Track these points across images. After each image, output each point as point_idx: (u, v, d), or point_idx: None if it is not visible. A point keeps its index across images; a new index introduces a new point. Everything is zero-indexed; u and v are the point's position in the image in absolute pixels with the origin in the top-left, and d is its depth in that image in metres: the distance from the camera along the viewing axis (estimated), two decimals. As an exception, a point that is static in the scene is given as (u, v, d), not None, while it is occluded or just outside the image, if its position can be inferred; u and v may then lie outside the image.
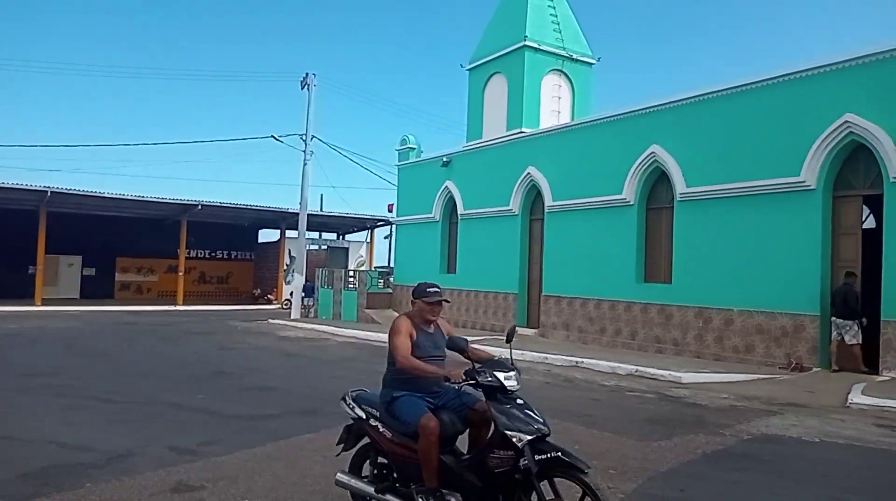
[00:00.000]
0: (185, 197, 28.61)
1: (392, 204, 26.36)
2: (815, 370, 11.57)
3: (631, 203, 15.24)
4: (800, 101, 12.32)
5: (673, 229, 14.46)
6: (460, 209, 20.62)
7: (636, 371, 11.31)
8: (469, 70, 21.76)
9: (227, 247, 38.34)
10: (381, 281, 24.04)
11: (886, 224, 11.16)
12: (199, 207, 28.76)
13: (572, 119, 19.81)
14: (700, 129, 13.97)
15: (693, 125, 14.12)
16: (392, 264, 29.62)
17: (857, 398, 8.82)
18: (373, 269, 32.77)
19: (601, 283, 15.80)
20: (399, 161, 24.27)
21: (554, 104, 20.14)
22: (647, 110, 15.08)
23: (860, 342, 11.17)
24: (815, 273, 11.88)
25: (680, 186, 14.18)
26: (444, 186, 21.33)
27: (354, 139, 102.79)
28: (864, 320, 11.21)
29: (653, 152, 14.67)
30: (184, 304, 29.87)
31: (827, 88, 11.96)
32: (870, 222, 12.90)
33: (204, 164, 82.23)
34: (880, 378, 10.57)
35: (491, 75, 20.86)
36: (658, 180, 15.03)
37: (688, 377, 10.70)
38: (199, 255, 36.77)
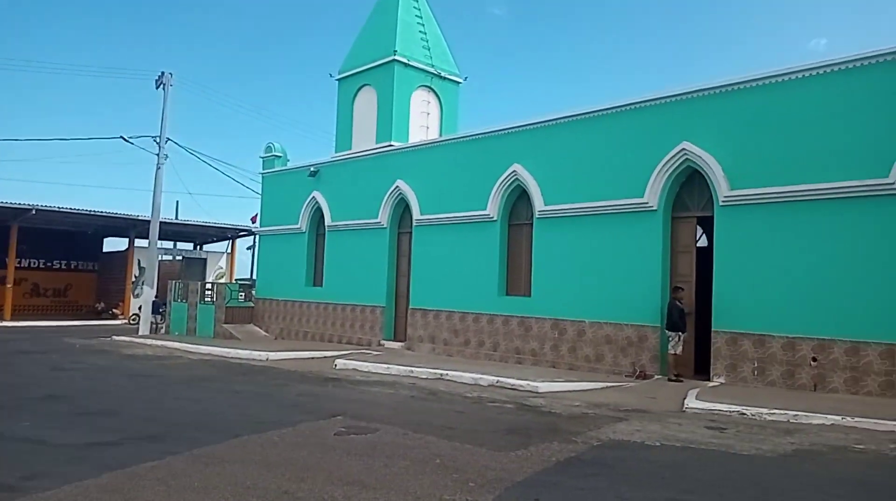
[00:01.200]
0: (20, 200, 25.68)
1: (256, 214, 25.34)
2: (656, 377, 12.54)
3: (494, 219, 15.75)
4: (644, 128, 13.39)
5: (532, 245, 15.12)
6: (328, 221, 20.23)
7: (497, 382, 11.63)
8: (339, 80, 21.54)
9: (66, 256, 34.86)
10: (242, 294, 22.95)
11: (717, 243, 12.38)
12: (34, 211, 25.92)
13: (440, 135, 20.21)
14: (556, 150, 14.76)
15: (550, 146, 14.90)
16: (255, 277, 28.42)
17: (691, 403, 9.65)
18: (233, 281, 31.18)
19: (466, 296, 16.15)
20: (263, 169, 23.41)
21: (423, 119, 20.42)
22: (510, 131, 15.72)
23: (679, 352, 12.19)
24: (657, 287, 12.90)
25: (538, 203, 14.88)
26: (311, 197, 20.84)
27: (221, 146, 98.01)
28: (681, 333, 12.21)
29: (514, 171, 15.29)
30: (12, 319, 26.76)
31: (667, 117, 13.10)
32: (703, 241, 14.25)
33: (42, 164, 74.51)
34: (711, 384, 11.67)
35: (361, 87, 20.77)
36: (519, 198, 15.67)
37: (544, 386, 11.16)
38: (32, 264, 33.14)
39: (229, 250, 36.03)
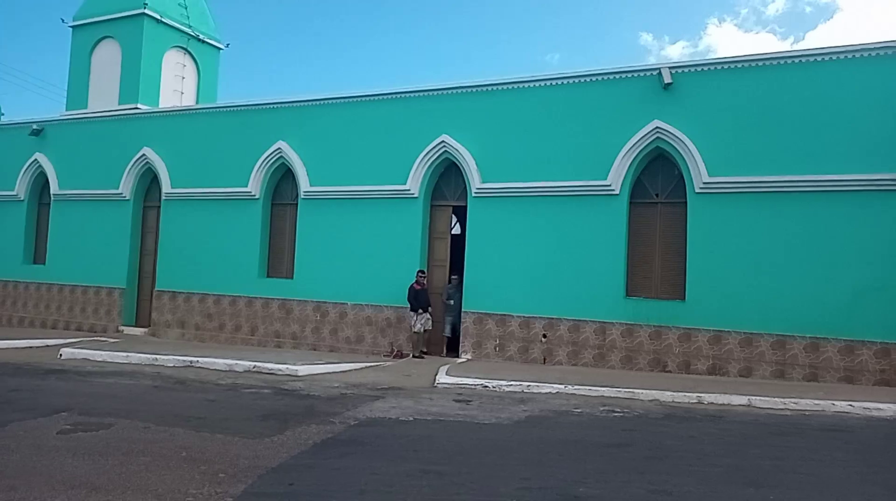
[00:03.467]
0: None
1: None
2: (411, 356, 13.15)
3: (256, 197, 15.07)
4: (409, 118, 13.88)
5: (297, 226, 14.79)
6: (54, 188, 17.50)
7: (254, 367, 11.18)
8: (73, 28, 18.69)
9: None
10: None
11: (469, 231, 13.35)
12: None
13: (197, 102, 18.68)
14: (324, 131, 14.61)
15: (318, 126, 14.69)
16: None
17: (442, 378, 10.31)
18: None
19: (222, 278, 15.23)
20: (-32, 123, 19.41)
21: (177, 84, 18.71)
22: (275, 106, 15.14)
23: (421, 330, 12.99)
24: (415, 271, 13.45)
25: (304, 184, 14.59)
26: (32, 160, 17.83)
27: None
28: (422, 313, 12.93)
29: (279, 148, 14.80)
30: None
31: (430, 110, 13.75)
32: (458, 229, 15.27)
33: None
34: (460, 360, 12.60)
35: (101, 38, 18.33)
36: (284, 177, 15.20)
37: (304, 369, 11.03)
38: None
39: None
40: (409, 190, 13.64)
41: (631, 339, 11.87)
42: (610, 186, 12.13)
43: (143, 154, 16.26)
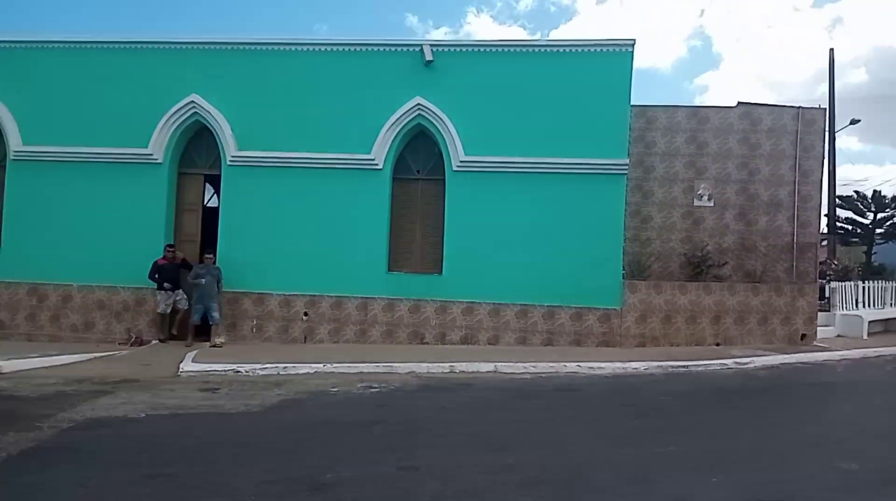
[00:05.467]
0: None
1: None
2: (154, 342, 11.77)
3: (-54, 156, 12.17)
4: (152, 73, 12.26)
5: (5, 192, 12.29)
6: None
7: (-62, 366, 9.00)
8: None
9: None
10: None
11: (223, 203, 12.26)
12: None
13: None
14: (45, 79, 12.26)
15: (36, 73, 12.28)
16: None
17: (187, 366, 9.32)
18: None
19: None
20: None
21: None
22: (-28, 44, 12.31)
23: (165, 311, 11.71)
24: (159, 247, 11.99)
25: (15, 142, 12.14)
26: None
27: None
28: (167, 292, 11.60)
29: (-20, 99, 12.08)
30: None
31: (179, 65, 12.27)
32: (216, 201, 13.97)
33: None
34: (211, 344, 11.54)
35: None
36: (-9, 135, 12.49)
37: (10, 365, 9.16)
38: None
39: None
40: (151, 155, 12.07)
41: (392, 313, 11.95)
42: (374, 160, 11.99)
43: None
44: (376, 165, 12.00)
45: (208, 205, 13.88)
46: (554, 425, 6.68)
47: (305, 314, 11.98)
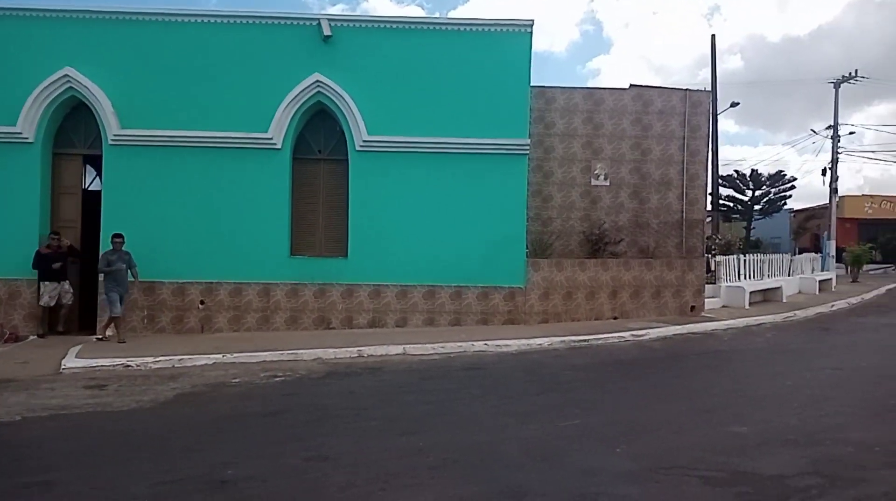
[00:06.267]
0: None
1: None
2: (32, 338, 10.79)
3: None
4: (22, 43, 11.10)
5: None
6: None
7: None
8: None
9: None
10: None
11: (105, 185, 11.36)
12: None
13: None
14: None
15: None
16: None
17: (70, 362, 8.59)
18: None
19: None
20: None
21: None
22: None
23: (49, 304, 10.83)
24: (33, 234, 11.01)
25: None
26: None
27: None
28: (50, 283, 10.76)
29: None
30: None
31: (52, 35, 11.18)
32: (98, 184, 12.93)
33: None
34: (98, 337, 10.71)
35: None
36: None
37: None
38: None
39: None
40: (20, 133, 10.96)
41: (296, 299, 11.57)
42: (271, 139, 11.48)
43: None
44: (274, 144, 11.50)
45: (90, 188, 12.87)
46: (463, 405, 6.69)
47: (202, 302, 11.37)
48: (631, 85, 15.34)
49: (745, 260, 16.74)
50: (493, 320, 11.98)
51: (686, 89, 15.43)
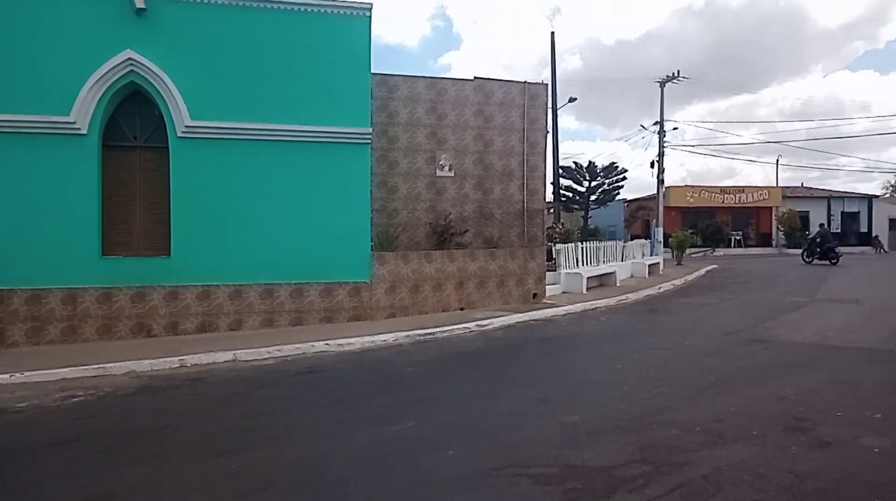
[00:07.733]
0: None
1: None
2: None
3: None
4: None
5: None
6: None
7: None
8: None
9: None
10: None
11: None
12: None
13: None
14: None
15: None
16: None
17: None
18: None
19: None
20: None
21: None
22: None
23: None
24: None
25: None
26: None
27: None
28: None
29: None
30: None
31: None
32: None
33: None
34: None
35: None
36: None
37: None
38: None
39: None
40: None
41: (109, 305, 10.24)
42: (74, 124, 10.03)
43: None
44: (78, 129, 10.06)
45: None
46: (293, 415, 6.12)
47: (-10, 313, 9.71)
48: (475, 77, 15.40)
49: (582, 248, 17.54)
50: (338, 317, 11.42)
51: (525, 82, 15.75)
